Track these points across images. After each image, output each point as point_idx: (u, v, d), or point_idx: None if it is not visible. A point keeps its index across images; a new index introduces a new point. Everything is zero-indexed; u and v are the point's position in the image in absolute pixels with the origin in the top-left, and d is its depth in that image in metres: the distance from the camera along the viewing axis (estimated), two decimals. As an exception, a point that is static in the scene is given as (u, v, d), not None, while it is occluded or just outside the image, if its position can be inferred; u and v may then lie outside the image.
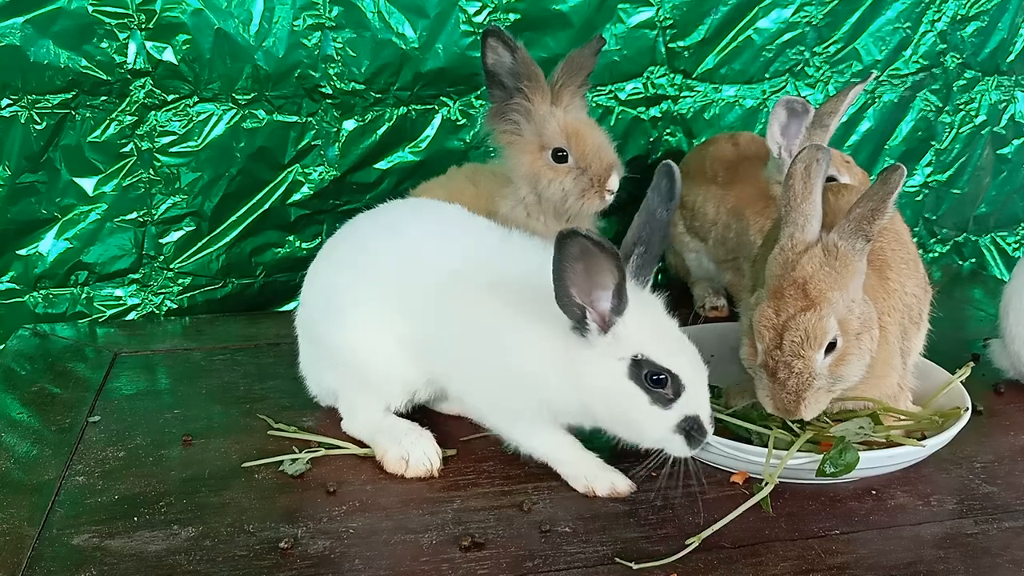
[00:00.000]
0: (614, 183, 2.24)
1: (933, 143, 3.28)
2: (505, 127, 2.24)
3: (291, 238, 2.84)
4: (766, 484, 1.65)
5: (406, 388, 1.92)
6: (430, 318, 1.82)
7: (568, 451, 1.79)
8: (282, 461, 1.84)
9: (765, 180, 2.48)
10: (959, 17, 3.13)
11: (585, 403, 1.68)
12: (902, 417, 1.85)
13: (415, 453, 1.81)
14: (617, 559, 1.53)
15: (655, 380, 1.61)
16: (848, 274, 1.70)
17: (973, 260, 3.51)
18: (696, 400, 1.64)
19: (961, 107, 3.27)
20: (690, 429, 1.63)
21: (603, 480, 1.74)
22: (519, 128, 2.23)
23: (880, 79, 3.12)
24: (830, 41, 3.04)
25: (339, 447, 1.90)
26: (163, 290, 2.77)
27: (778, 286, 1.72)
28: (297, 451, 1.88)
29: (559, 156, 2.22)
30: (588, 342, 1.63)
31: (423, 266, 1.86)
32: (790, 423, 1.79)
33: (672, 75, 2.96)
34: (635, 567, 1.50)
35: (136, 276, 2.74)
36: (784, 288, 1.71)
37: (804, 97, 2.42)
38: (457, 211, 2.01)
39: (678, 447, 1.64)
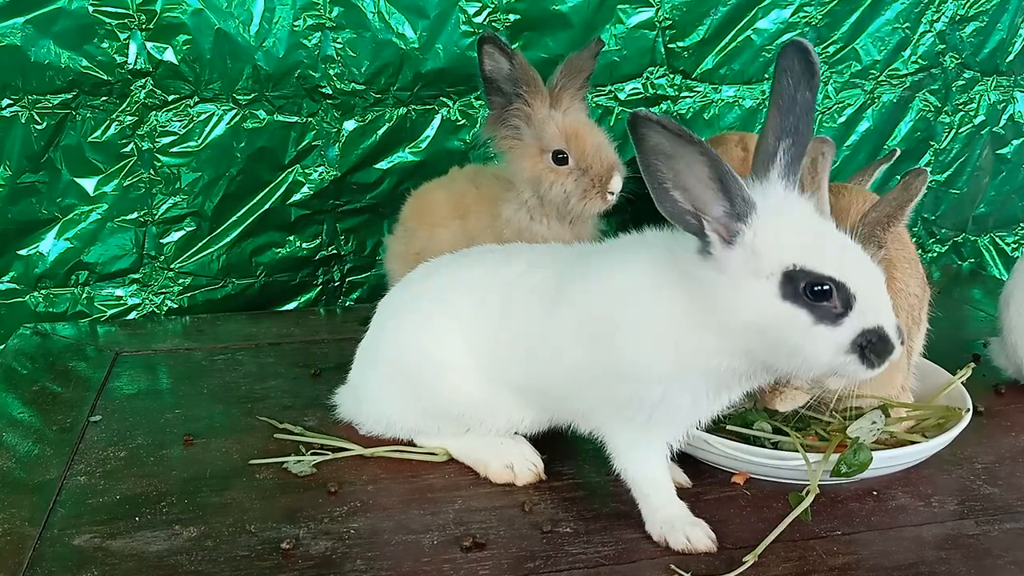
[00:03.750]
0: (616, 184, 2.21)
1: (932, 143, 3.28)
2: (505, 133, 2.24)
3: (291, 238, 2.84)
4: (808, 493, 1.61)
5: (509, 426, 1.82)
6: (524, 330, 1.70)
7: (662, 493, 1.62)
8: (287, 461, 1.84)
9: None
10: (958, 17, 3.13)
11: (739, 347, 1.44)
12: (912, 410, 1.86)
13: (518, 461, 1.78)
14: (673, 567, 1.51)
15: (816, 292, 1.36)
16: None
17: (972, 260, 3.52)
18: (873, 309, 1.39)
19: (960, 107, 3.27)
20: (866, 345, 1.38)
21: (679, 533, 1.56)
22: (519, 133, 2.22)
23: (879, 79, 3.12)
24: (829, 41, 3.04)
25: (345, 448, 1.89)
26: (163, 290, 2.77)
27: None
28: (304, 451, 1.88)
29: (559, 158, 2.21)
30: (717, 263, 1.41)
31: (508, 280, 1.77)
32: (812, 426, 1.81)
33: (671, 75, 2.97)
34: None
35: (136, 276, 2.74)
36: None
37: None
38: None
39: (854, 369, 1.40)
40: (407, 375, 1.83)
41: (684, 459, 1.81)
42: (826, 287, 1.37)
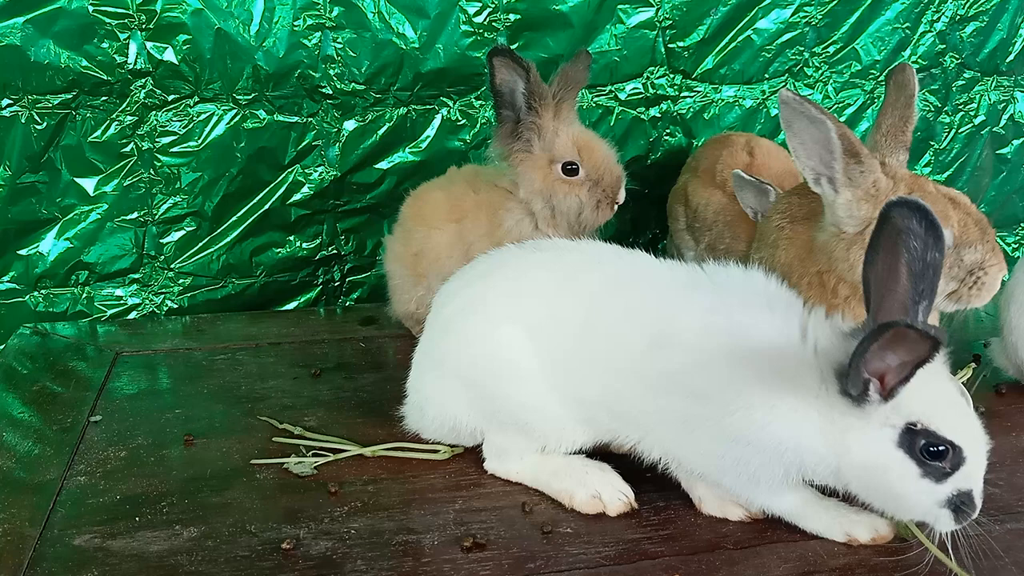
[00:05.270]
0: (623, 195, 2.29)
1: (932, 143, 3.28)
2: (519, 146, 2.24)
3: (291, 238, 2.84)
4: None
5: (571, 443, 1.76)
6: (628, 381, 1.63)
7: (812, 504, 1.63)
8: (287, 461, 1.84)
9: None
10: (958, 17, 3.13)
11: (841, 469, 1.51)
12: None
13: (606, 491, 1.70)
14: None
15: (932, 452, 1.44)
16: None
17: (972, 260, 3.51)
18: (972, 473, 1.47)
19: (960, 107, 3.27)
20: (961, 504, 1.47)
21: (863, 525, 1.60)
22: (530, 145, 2.23)
23: (879, 79, 3.12)
24: (829, 41, 3.04)
25: (345, 448, 1.89)
26: (163, 290, 2.77)
27: None
28: (304, 451, 1.88)
29: (569, 169, 2.23)
30: (860, 410, 1.47)
31: (620, 316, 1.67)
32: None
33: (672, 75, 2.96)
34: None
35: (136, 276, 2.74)
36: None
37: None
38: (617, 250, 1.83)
39: (944, 522, 1.48)
40: (475, 379, 1.76)
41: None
42: (943, 448, 1.44)
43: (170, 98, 2.61)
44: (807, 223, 1.98)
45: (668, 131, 3.02)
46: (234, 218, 2.77)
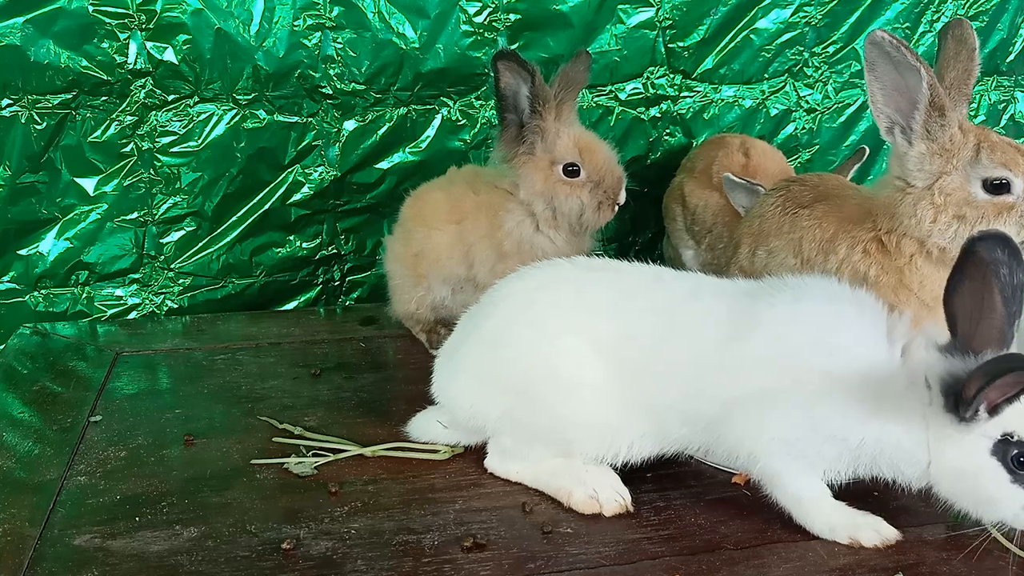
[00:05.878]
0: (623, 197, 2.29)
1: (932, 143, 3.28)
2: (523, 150, 2.24)
3: (291, 238, 2.84)
4: None
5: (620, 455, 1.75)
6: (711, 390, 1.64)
7: (822, 501, 1.64)
8: (287, 461, 1.84)
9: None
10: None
11: (932, 470, 1.55)
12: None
13: (604, 491, 1.70)
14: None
15: (1022, 462, 1.49)
16: None
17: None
18: None
19: (960, 107, 3.27)
20: None
21: (867, 529, 1.61)
22: (533, 148, 2.23)
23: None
24: (829, 41, 3.04)
25: (345, 449, 1.89)
26: (163, 290, 2.77)
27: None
28: (304, 452, 1.88)
29: (570, 171, 2.23)
30: (963, 424, 1.51)
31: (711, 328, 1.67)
32: None
33: (672, 75, 2.96)
34: None
35: (136, 276, 2.74)
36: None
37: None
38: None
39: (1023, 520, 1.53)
40: (521, 389, 1.74)
41: (685, 459, 1.81)
42: None
43: (170, 98, 2.61)
44: (829, 201, 1.97)
45: (668, 131, 3.02)
46: (234, 218, 2.77)
